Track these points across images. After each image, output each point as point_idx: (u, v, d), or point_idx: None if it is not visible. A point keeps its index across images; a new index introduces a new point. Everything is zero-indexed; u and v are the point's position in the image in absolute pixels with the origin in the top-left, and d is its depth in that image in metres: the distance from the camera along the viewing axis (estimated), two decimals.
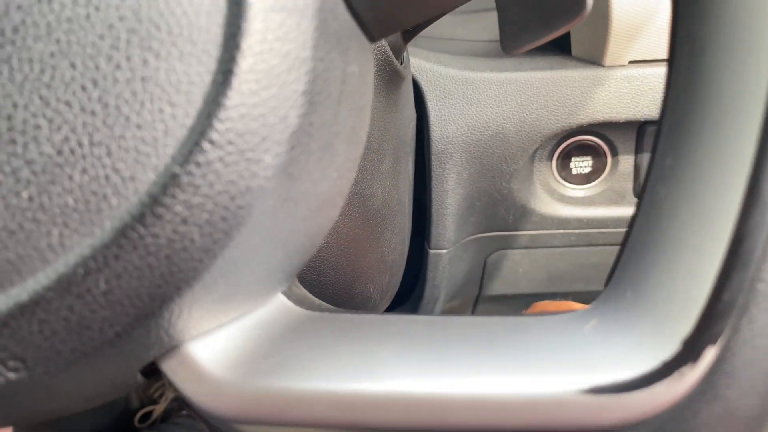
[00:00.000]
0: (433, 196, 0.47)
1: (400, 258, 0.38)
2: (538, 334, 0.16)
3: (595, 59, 0.43)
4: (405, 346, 0.17)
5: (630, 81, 0.43)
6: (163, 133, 0.14)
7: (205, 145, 0.14)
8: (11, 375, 0.15)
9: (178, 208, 0.14)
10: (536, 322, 0.17)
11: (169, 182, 0.14)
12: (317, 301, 0.20)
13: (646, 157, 0.48)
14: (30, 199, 0.14)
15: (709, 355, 0.14)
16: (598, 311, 0.16)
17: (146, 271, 0.14)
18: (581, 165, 0.49)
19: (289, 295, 0.19)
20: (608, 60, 0.43)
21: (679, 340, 0.14)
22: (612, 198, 0.50)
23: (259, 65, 0.14)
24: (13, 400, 0.15)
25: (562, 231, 0.52)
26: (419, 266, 0.52)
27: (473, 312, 0.61)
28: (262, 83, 0.14)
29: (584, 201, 0.50)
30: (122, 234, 0.14)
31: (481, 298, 0.59)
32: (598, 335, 0.15)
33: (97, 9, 0.14)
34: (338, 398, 0.17)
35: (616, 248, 0.52)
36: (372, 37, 0.18)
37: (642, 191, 0.17)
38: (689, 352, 0.14)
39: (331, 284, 0.30)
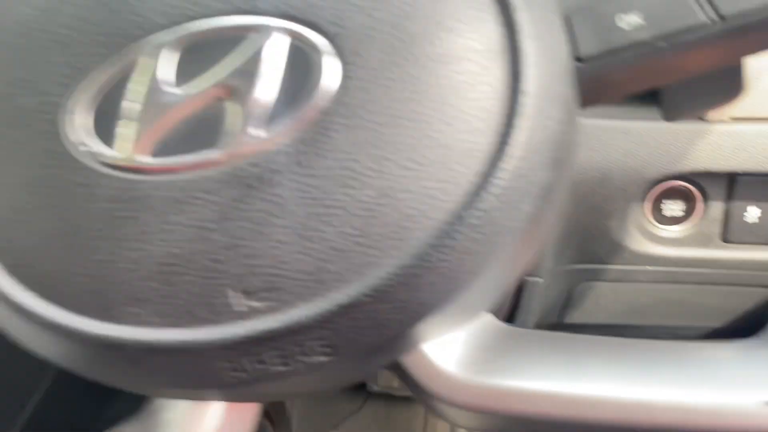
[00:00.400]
0: None
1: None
2: (725, 355, 0.20)
3: (699, 114, 0.47)
4: (595, 355, 0.22)
5: (731, 136, 0.47)
6: (454, 186, 0.19)
7: (486, 196, 0.19)
8: (322, 359, 0.19)
9: (463, 242, 0.19)
10: (721, 347, 0.21)
11: (457, 222, 0.19)
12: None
13: (736, 205, 0.52)
14: (357, 228, 0.19)
15: None
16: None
17: (430, 289, 0.19)
18: (673, 208, 0.53)
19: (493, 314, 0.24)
20: (712, 116, 0.47)
21: None
22: (700, 240, 0.54)
23: (525, 138, 0.19)
24: (310, 378, 0.20)
25: (649, 267, 0.55)
26: (516, 290, 0.56)
27: None
28: (527, 151, 0.19)
29: (673, 242, 0.54)
30: (422, 258, 0.19)
31: (558, 326, 0.63)
32: None
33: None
34: (540, 395, 0.21)
35: (699, 286, 0.56)
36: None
37: None
38: None
39: None
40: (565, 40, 0.20)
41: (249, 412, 0.24)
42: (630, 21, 0.20)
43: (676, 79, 0.23)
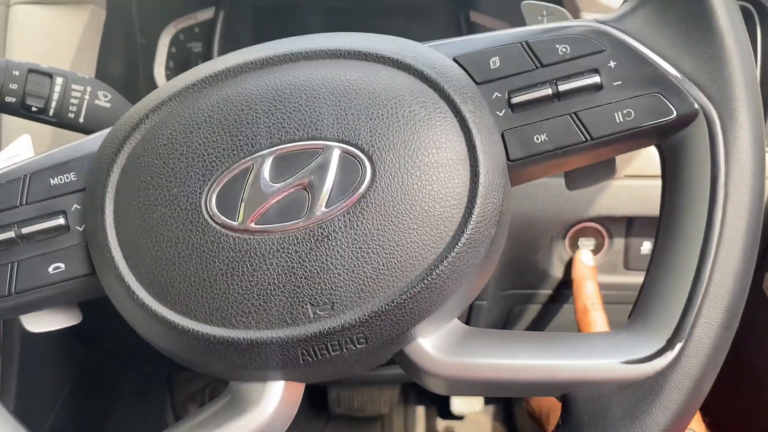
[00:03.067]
0: None
1: None
2: (601, 339, 0.34)
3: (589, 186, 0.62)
4: (522, 343, 0.34)
5: (625, 189, 0.62)
6: (440, 239, 0.31)
7: (459, 243, 0.31)
8: (359, 347, 0.31)
9: (445, 272, 0.31)
10: (600, 336, 0.34)
11: (442, 260, 0.31)
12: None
13: (633, 240, 0.66)
14: (382, 265, 0.31)
15: (678, 346, 0.31)
16: (628, 327, 0.34)
17: (426, 302, 0.31)
18: (586, 243, 0.67)
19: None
20: None
21: (665, 339, 0.32)
22: (608, 268, 0.68)
23: (480, 210, 0.32)
24: (351, 360, 0.32)
25: (568, 291, 0.70)
26: (467, 312, 0.69)
27: None
28: (482, 217, 0.32)
29: None
30: (421, 282, 0.31)
31: None
32: (629, 339, 0.33)
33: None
34: (492, 365, 0.33)
35: (608, 305, 0.70)
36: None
37: (649, 263, 0.34)
38: (668, 345, 0.32)
39: None
40: (501, 150, 0.33)
41: (298, 391, 0.35)
42: (540, 138, 0.33)
43: (570, 169, 0.36)
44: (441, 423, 1.23)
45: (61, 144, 0.36)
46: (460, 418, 1.21)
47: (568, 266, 0.68)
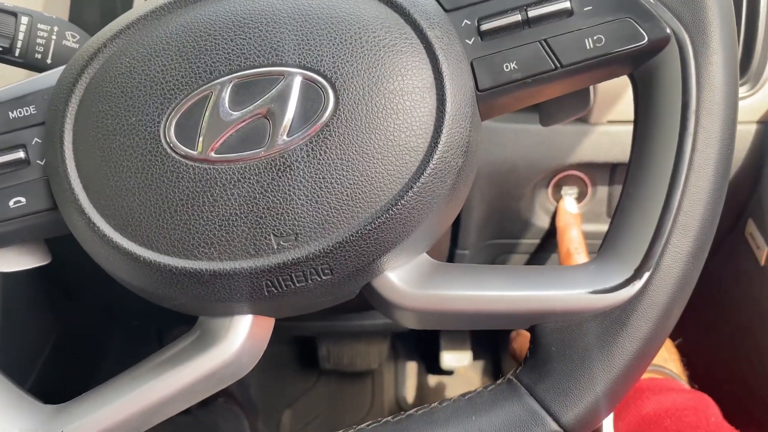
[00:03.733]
0: (463, 209, 0.64)
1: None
2: (570, 271, 0.33)
3: (583, 118, 0.61)
4: (491, 276, 0.34)
5: (608, 135, 0.61)
6: (405, 168, 0.31)
7: (424, 173, 0.31)
8: (325, 278, 0.31)
9: (411, 202, 0.31)
10: (569, 268, 0.34)
11: (407, 190, 0.31)
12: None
13: (616, 188, 0.66)
14: (346, 195, 0.30)
15: (646, 275, 0.31)
16: (597, 259, 0.33)
17: (391, 233, 0.31)
18: (569, 192, 0.67)
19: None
20: (593, 119, 0.61)
21: (633, 269, 0.31)
22: (591, 217, 0.68)
23: (446, 139, 0.31)
24: (317, 291, 0.32)
25: (553, 241, 0.69)
26: (448, 261, 0.69)
27: None
28: (448, 147, 0.31)
29: None
30: (386, 213, 0.30)
31: None
32: (597, 270, 0.33)
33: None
34: (460, 297, 0.33)
35: (591, 254, 0.70)
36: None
37: (620, 195, 0.34)
38: (636, 274, 0.31)
39: None
40: (470, 78, 0.32)
41: (267, 326, 0.35)
42: (509, 66, 0.33)
43: (542, 100, 0.36)
44: (430, 378, 1.24)
45: None
46: (449, 372, 1.22)
47: (553, 216, 0.68)
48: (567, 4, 0.32)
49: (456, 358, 1.17)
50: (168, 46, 0.31)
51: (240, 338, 0.33)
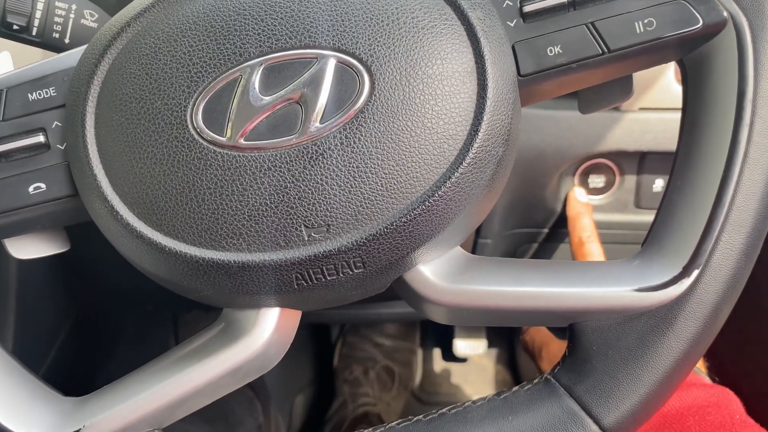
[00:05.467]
0: None
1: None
2: (612, 266, 0.32)
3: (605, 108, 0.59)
4: (528, 270, 0.32)
5: (639, 122, 0.59)
6: (443, 158, 0.29)
7: (463, 163, 0.29)
8: (357, 271, 0.30)
9: (448, 193, 0.29)
10: (611, 263, 0.32)
11: (445, 180, 0.29)
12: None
13: (645, 178, 0.64)
14: (381, 185, 0.29)
15: (695, 273, 0.29)
16: (641, 255, 0.32)
17: (426, 226, 0.29)
18: (596, 180, 0.65)
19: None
20: (624, 106, 0.59)
21: (681, 266, 0.30)
22: (617, 207, 0.66)
23: (487, 127, 0.29)
24: (348, 285, 0.30)
25: None
26: (470, 251, 0.68)
27: None
28: (488, 135, 0.29)
29: (597, 208, 0.66)
30: (422, 204, 0.29)
31: None
32: (642, 266, 0.31)
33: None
34: (496, 293, 0.31)
35: (617, 245, 0.68)
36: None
37: (666, 188, 0.32)
38: (685, 272, 0.30)
39: None
40: (512, 63, 0.31)
41: (294, 318, 0.34)
42: (553, 50, 0.31)
43: (585, 87, 0.34)
44: (444, 365, 1.23)
45: None
46: (463, 360, 1.21)
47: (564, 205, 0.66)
48: None
49: (470, 346, 1.16)
50: (195, 25, 0.30)
51: (267, 331, 0.32)
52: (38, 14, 0.42)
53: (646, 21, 0.30)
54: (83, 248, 0.39)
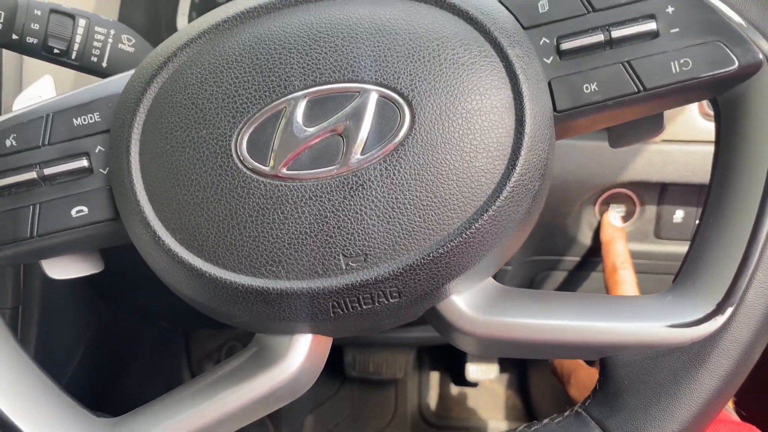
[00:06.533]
0: None
1: None
2: (645, 301, 0.32)
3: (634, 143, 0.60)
4: (560, 303, 0.33)
5: (661, 154, 0.59)
6: (480, 191, 0.30)
7: (500, 197, 0.29)
8: (392, 301, 0.30)
9: (484, 226, 0.30)
10: (643, 298, 0.33)
11: (481, 213, 0.29)
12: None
13: (666, 208, 0.64)
14: (419, 217, 0.29)
15: (729, 310, 0.30)
16: (673, 290, 0.32)
17: (462, 258, 0.30)
18: (617, 209, 0.65)
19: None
20: None
21: (714, 303, 0.30)
22: (637, 236, 0.66)
23: (524, 162, 0.30)
24: (383, 314, 0.31)
25: (596, 259, 0.68)
26: None
27: None
28: (525, 170, 0.30)
29: None
30: (458, 237, 0.29)
31: None
32: (675, 302, 0.31)
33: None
34: (529, 325, 0.32)
35: (637, 275, 0.68)
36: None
37: (698, 224, 0.33)
38: (718, 309, 0.30)
39: None
40: (548, 99, 0.31)
41: (325, 345, 0.34)
42: (589, 87, 0.31)
43: (618, 123, 0.34)
44: (455, 389, 1.22)
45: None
46: (474, 384, 1.21)
47: (597, 232, 0.66)
48: (653, 26, 0.31)
49: (482, 371, 1.16)
50: (241, 57, 0.31)
51: (300, 358, 0.32)
52: (78, 39, 0.43)
53: (682, 61, 0.30)
54: (106, 267, 0.39)
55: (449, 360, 1.22)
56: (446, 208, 0.29)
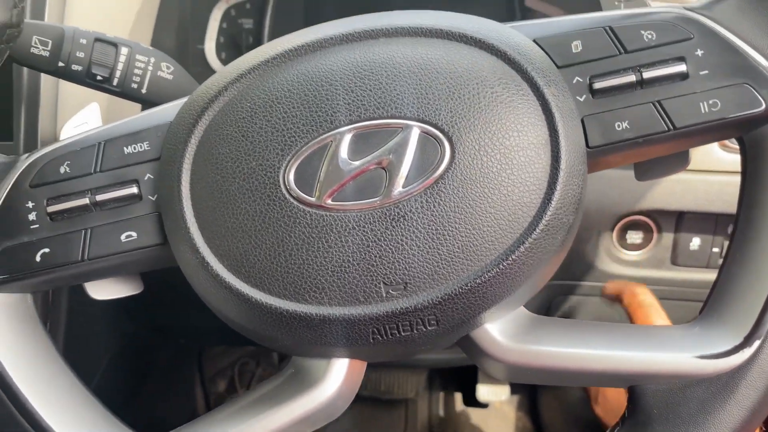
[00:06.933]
0: None
1: None
2: (673, 332, 0.33)
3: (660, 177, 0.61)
4: (591, 333, 0.34)
5: (679, 183, 0.61)
6: (517, 223, 0.31)
7: (536, 230, 0.31)
8: (430, 328, 0.31)
9: (520, 258, 0.31)
10: (672, 328, 0.34)
11: (518, 246, 0.31)
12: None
13: (682, 236, 0.65)
14: (458, 247, 0.30)
15: (756, 343, 0.31)
16: (701, 321, 0.33)
17: (498, 288, 0.31)
18: (634, 237, 0.66)
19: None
20: None
21: (742, 336, 0.31)
22: (654, 263, 0.67)
23: (560, 196, 0.31)
24: (420, 341, 0.32)
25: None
26: None
27: None
28: (561, 204, 0.31)
29: (634, 263, 0.67)
30: (495, 268, 0.30)
31: None
32: (702, 333, 0.32)
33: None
34: (561, 354, 0.33)
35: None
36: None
37: (725, 256, 0.34)
38: (746, 342, 0.31)
39: None
40: (581, 136, 0.32)
41: (361, 369, 0.35)
42: (621, 125, 0.33)
43: (647, 158, 0.36)
44: (466, 410, 1.23)
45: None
46: (485, 406, 1.21)
47: (614, 259, 0.68)
48: (683, 68, 0.32)
49: (493, 392, 1.16)
50: (290, 93, 0.32)
51: (338, 381, 0.33)
52: (120, 66, 0.45)
53: (710, 102, 0.32)
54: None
55: (460, 381, 1.22)
56: (484, 239, 0.31)
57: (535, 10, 0.72)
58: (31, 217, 0.33)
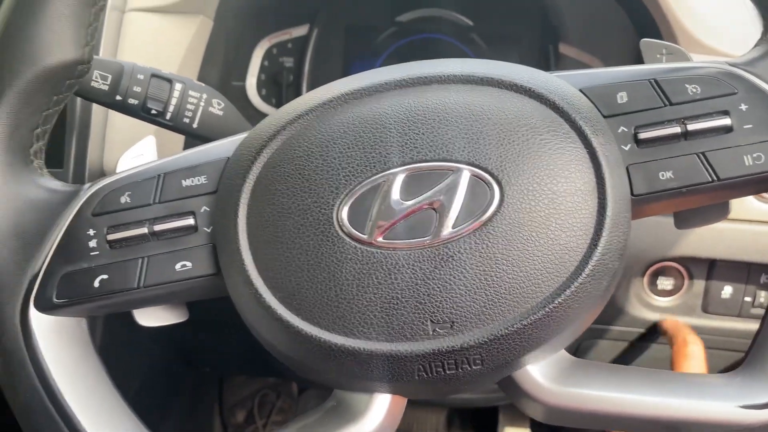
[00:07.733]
0: None
1: None
2: (715, 381, 0.33)
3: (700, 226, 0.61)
4: (632, 378, 0.34)
5: (712, 231, 0.61)
6: (563, 268, 0.31)
7: (582, 275, 0.31)
8: (474, 368, 0.32)
9: (566, 303, 0.31)
10: (714, 377, 0.34)
11: (563, 291, 0.31)
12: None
13: (714, 284, 0.65)
14: (504, 289, 0.31)
15: None
16: (743, 371, 0.33)
17: (542, 332, 0.31)
18: (665, 283, 0.66)
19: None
20: None
21: None
22: (685, 310, 0.67)
23: (605, 243, 0.32)
24: (464, 380, 0.32)
25: (643, 330, 0.69)
26: None
27: None
28: (607, 250, 0.32)
29: (664, 310, 0.67)
30: (540, 312, 0.31)
31: None
32: (745, 383, 0.33)
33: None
34: (602, 398, 0.33)
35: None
36: None
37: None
38: None
39: None
40: (626, 184, 0.33)
41: (402, 405, 0.36)
42: (665, 175, 0.34)
43: (690, 207, 0.36)
44: None
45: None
46: None
47: (645, 304, 0.68)
48: (727, 121, 0.33)
49: None
50: (345, 134, 0.33)
51: (380, 416, 0.33)
52: (174, 101, 0.47)
53: (755, 155, 0.33)
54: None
55: (480, 420, 1.21)
56: (530, 282, 0.31)
57: (569, 57, 0.73)
58: (92, 244, 0.35)
